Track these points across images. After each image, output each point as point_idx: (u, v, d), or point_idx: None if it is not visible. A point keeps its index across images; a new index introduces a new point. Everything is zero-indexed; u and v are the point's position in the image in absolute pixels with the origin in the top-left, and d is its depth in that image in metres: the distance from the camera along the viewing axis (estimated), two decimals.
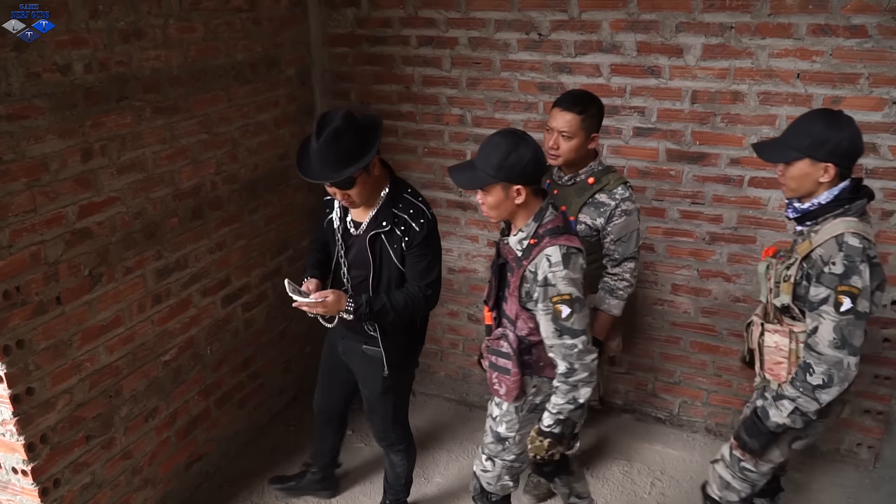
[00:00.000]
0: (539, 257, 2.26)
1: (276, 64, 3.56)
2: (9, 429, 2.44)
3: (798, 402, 2.24)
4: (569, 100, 2.75)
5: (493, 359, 2.50)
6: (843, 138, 2.16)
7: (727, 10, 3.07)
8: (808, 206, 2.27)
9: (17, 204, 2.32)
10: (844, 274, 2.13)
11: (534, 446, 2.42)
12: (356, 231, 2.66)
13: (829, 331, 2.16)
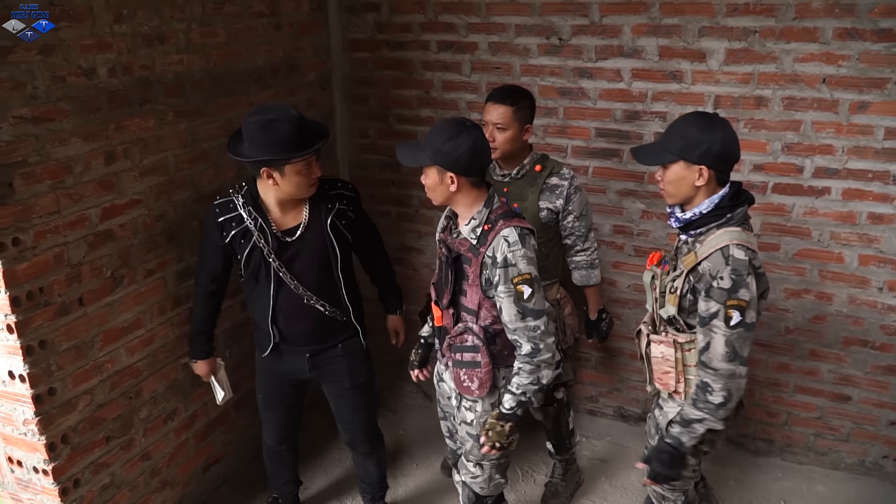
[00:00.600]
0: (496, 240, 2.29)
1: (296, 69, 3.58)
2: (30, 428, 2.46)
3: (706, 423, 2.23)
4: (500, 94, 2.87)
5: (458, 356, 2.49)
6: (715, 140, 2.14)
7: (751, 14, 3.04)
8: (689, 216, 2.25)
9: (41, 205, 2.34)
10: (732, 288, 2.12)
11: (494, 433, 2.41)
12: (292, 237, 2.61)
13: (722, 345, 2.15)
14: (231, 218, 2.57)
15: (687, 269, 2.22)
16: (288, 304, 2.67)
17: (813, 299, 3.37)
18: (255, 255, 2.59)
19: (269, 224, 2.58)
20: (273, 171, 2.44)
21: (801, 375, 3.51)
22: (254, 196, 2.57)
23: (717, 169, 2.18)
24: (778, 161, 3.21)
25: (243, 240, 2.58)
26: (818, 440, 3.59)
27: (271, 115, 2.39)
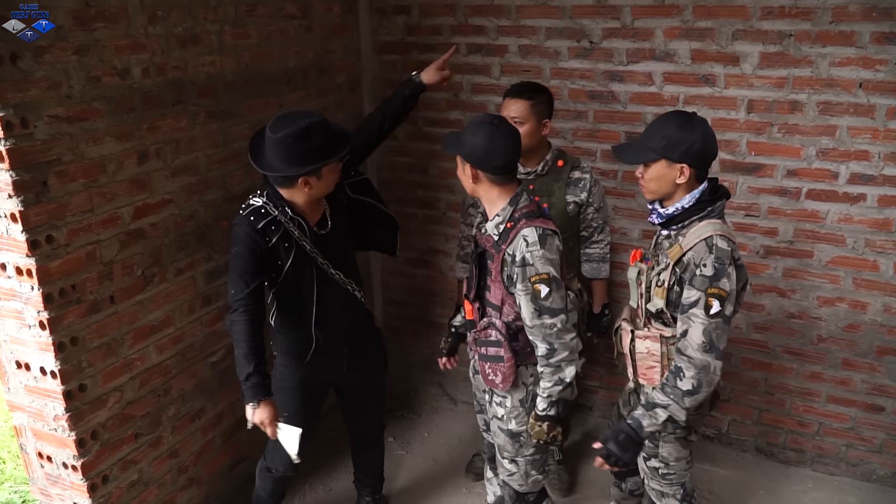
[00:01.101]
0: (517, 239, 2.32)
1: (326, 71, 3.59)
2: (61, 424, 2.49)
3: (670, 409, 2.24)
4: (518, 89, 2.92)
5: (483, 350, 2.52)
6: (695, 139, 2.19)
7: (786, 18, 3.00)
8: (672, 211, 2.29)
9: (74, 204, 2.37)
10: (714, 276, 2.16)
11: (535, 432, 2.46)
12: (325, 229, 2.61)
13: (699, 334, 2.18)
14: (269, 223, 2.46)
15: (673, 261, 2.27)
16: (332, 301, 2.66)
17: (847, 308, 3.31)
18: (300, 257, 2.54)
19: (306, 221, 2.55)
20: (310, 177, 2.42)
21: (834, 385, 3.45)
22: (281, 199, 2.50)
23: (697, 167, 2.23)
24: (812, 167, 3.16)
25: (286, 243, 2.50)
26: (850, 451, 3.53)
27: (303, 123, 2.34)
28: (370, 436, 3.14)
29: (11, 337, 2.45)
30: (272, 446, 2.87)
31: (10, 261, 2.30)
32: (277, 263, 2.52)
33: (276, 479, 2.98)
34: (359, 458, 3.23)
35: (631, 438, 2.29)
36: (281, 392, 2.71)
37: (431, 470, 3.68)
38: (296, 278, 2.57)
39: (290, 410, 2.73)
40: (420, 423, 4.06)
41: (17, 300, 2.36)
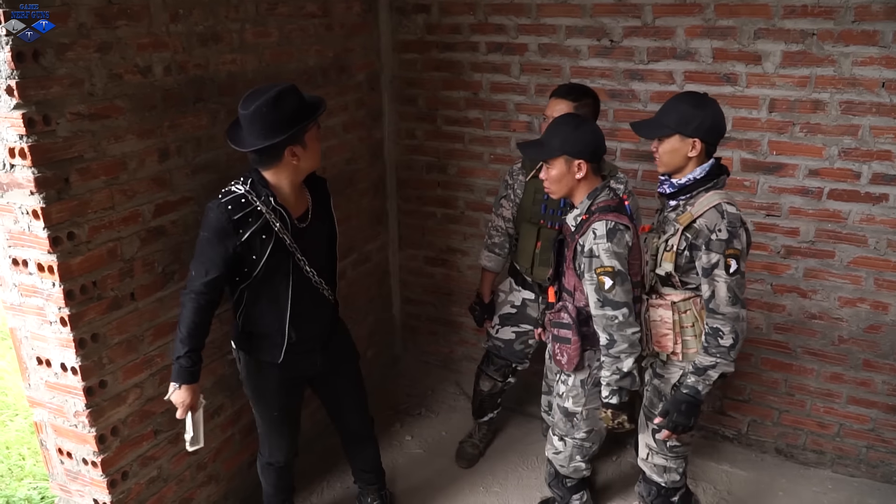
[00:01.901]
0: (587, 231, 2.48)
1: (346, 69, 3.59)
2: (81, 420, 2.50)
3: (719, 367, 2.41)
4: (564, 90, 2.97)
5: (556, 331, 2.69)
6: (706, 115, 2.37)
7: (809, 17, 2.97)
8: (684, 181, 2.44)
9: (96, 201, 2.38)
10: (728, 239, 2.35)
11: (602, 418, 2.60)
12: (304, 223, 2.57)
13: (725, 291, 2.36)
14: (247, 214, 2.37)
15: (682, 227, 2.41)
16: (305, 298, 2.60)
17: (868, 308, 3.28)
18: (278, 251, 2.46)
19: (287, 212, 2.48)
20: (296, 146, 2.37)
21: (855, 386, 3.42)
22: (265, 186, 2.43)
23: (708, 142, 2.40)
24: (834, 166, 3.13)
25: (264, 236, 2.41)
26: (870, 452, 3.49)
27: (273, 92, 2.30)
28: (357, 430, 3.09)
29: (32, 333, 2.47)
30: (266, 443, 2.91)
31: (32, 257, 2.31)
32: (252, 258, 2.44)
33: (279, 471, 2.98)
34: (350, 453, 3.19)
35: (692, 405, 2.46)
36: (263, 395, 2.77)
37: (449, 469, 3.67)
38: (271, 274, 2.49)
39: (278, 409, 2.79)
40: (437, 422, 4.05)
41: (38, 297, 2.37)
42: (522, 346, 3.43)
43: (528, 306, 3.34)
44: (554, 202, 3.07)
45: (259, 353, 2.67)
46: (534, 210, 3.15)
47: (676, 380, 2.56)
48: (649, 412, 2.66)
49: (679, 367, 2.57)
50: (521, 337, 3.41)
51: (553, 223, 3.11)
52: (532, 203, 3.15)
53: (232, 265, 2.43)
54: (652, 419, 2.63)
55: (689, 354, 2.54)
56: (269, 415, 2.81)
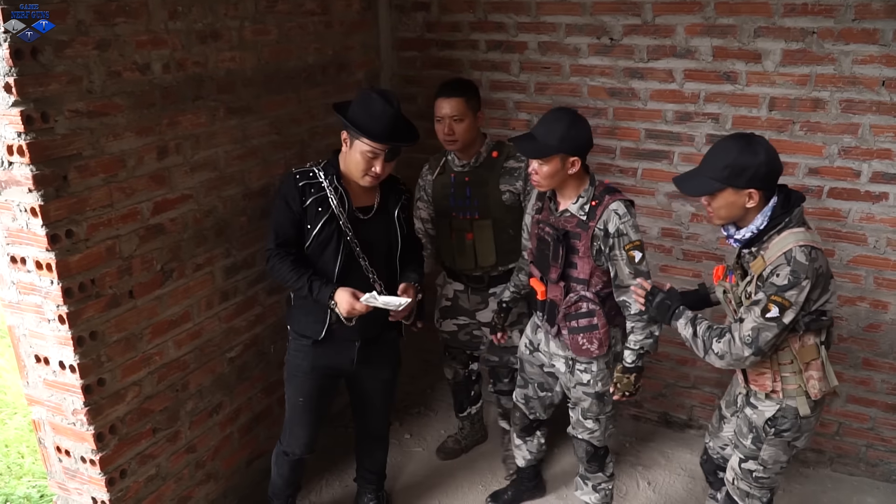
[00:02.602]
0: (606, 213, 2.56)
1: (345, 67, 3.59)
2: (79, 418, 2.50)
3: (696, 342, 2.37)
4: (449, 88, 3.03)
5: (574, 324, 2.70)
6: (760, 164, 2.17)
7: (809, 15, 2.97)
8: (748, 235, 2.29)
9: (94, 199, 2.37)
10: (784, 287, 2.16)
11: (623, 384, 2.69)
12: (366, 215, 2.70)
13: (749, 328, 2.22)
14: (311, 184, 2.61)
15: (756, 275, 2.25)
16: (352, 283, 2.65)
17: (867, 307, 3.28)
18: (329, 227, 2.61)
19: (348, 196, 2.64)
20: (348, 136, 2.57)
21: (854, 385, 3.42)
22: (335, 167, 2.65)
23: (765, 189, 2.22)
24: (834, 165, 3.13)
25: (320, 208, 2.60)
26: (869, 451, 3.50)
27: (378, 94, 2.55)
28: (374, 431, 3.16)
29: (31, 331, 2.46)
30: (288, 430, 2.94)
31: (30, 255, 2.30)
32: (306, 227, 2.62)
33: (292, 464, 3.01)
34: (362, 452, 3.24)
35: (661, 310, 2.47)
36: (294, 377, 2.86)
37: (447, 467, 3.68)
38: (321, 249, 2.64)
39: (304, 395, 2.85)
40: (437, 420, 4.06)
41: (36, 294, 2.37)
42: (468, 336, 3.45)
43: (458, 298, 3.38)
44: (461, 193, 3.13)
45: (302, 328, 2.78)
46: (444, 204, 3.20)
47: (771, 415, 2.41)
48: (738, 440, 2.55)
49: (776, 403, 2.41)
50: (463, 329, 3.43)
51: (463, 213, 3.16)
52: (442, 198, 3.21)
53: (297, 229, 2.64)
54: (739, 447, 2.54)
55: (789, 391, 2.37)
56: (295, 399, 2.87)
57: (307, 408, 2.89)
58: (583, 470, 3.07)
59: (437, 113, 3.04)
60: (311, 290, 2.61)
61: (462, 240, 3.18)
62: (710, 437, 2.85)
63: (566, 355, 2.84)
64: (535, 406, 3.11)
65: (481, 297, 3.33)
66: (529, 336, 3.01)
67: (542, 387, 3.06)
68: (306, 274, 2.62)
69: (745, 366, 2.31)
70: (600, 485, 3.07)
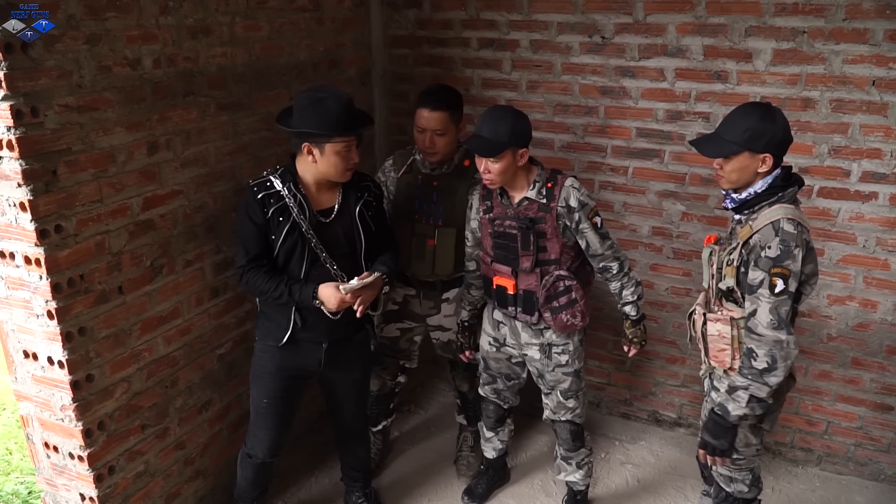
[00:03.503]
0: (564, 190, 2.69)
1: (337, 64, 3.58)
2: (68, 414, 2.49)
3: (751, 389, 2.30)
4: (435, 99, 2.94)
5: (556, 303, 2.78)
6: (777, 129, 2.26)
7: (800, 14, 2.98)
8: (745, 196, 2.35)
9: (84, 194, 2.36)
10: (778, 257, 2.22)
11: (638, 336, 2.91)
12: (328, 218, 2.66)
13: (766, 312, 2.24)
14: (270, 195, 2.57)
15: (741, 242, 2.32)
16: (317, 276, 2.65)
17: (857, 306, 3.29)
18: (292, 235, 2.59)
19: (307, 202, 2.61)
20: (314, 147, 2.50)
21: (843, 384, 3.43)
22: (293, 174, 2.61)
23: (778, 155, 2.29)
24: (824, 164, 3.14)
25: (281, 217, 2.57)
26: (858, 450, 3.51)
27: (323, 94, 2.49)
28: (352, 429, 3.14)
29: (19, 326, 2.45)
30: (252, 433, 2.92)
31: (19, 250, 2.29)
32: (271, 238, 2.59)
33: (256, 466, 2.98)
34: (343, 451, 3.23)
35: (719, 425, 2.38)
36: (259, 378, 2.83)
37: (436, 465, 3.68)
38: (286, 257, 2.62)
39: (268, 396, 2.81)
40: (426, 418, 4.06)
41: (25, 289, 2.36)
42: (408, 343, 3.43)
43: (409, 303, 3.32)
44: (427, 196, 3.10)
45: (265, 334, 2.76)
46: (407, 206, 3.13)
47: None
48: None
49: None
50: (406, 334, 3.40)
51: (426, 217, 3.11)
52: (406, 199, 3.14)
53: (264, 241, 2.61)
54: None
55: None
56: (259, 401, 2.83)
57: (271, 410, 2.85)
58: (564, 451, 3.14)
59: (418, 122, 2.97)
60: (291, 295, 2.60)
61: (423, 245, 3.12)
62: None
63: (540, 342, 2.91)
64: (506, 396, 3.21)
65: (434, 302, 3.29)
66: (492, 334, 3.05)
67: (508, 377, 3.15)
68: (283, 281, 2.61)
69: (793, 352, 2.25)
70: (583, 460, 3.16)
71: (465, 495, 3.41)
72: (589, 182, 3.59)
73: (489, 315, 3.06)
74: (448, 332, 3.35)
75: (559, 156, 3.62)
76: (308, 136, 2.49)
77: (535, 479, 3.58)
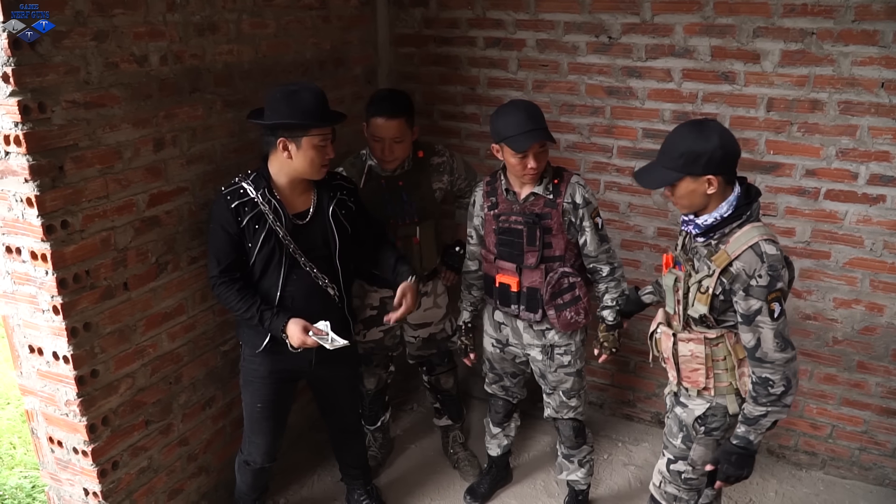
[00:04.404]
0: (570, 186, 2.73)
1: (343, 62, 3.58)
2: (72, 409, 2.50)
3: (772, 415, 2.24)
4: (390, 107, 2.91)
5: (560, 300, 2.79)
6: (714, 148, 2.12)
7: (809, 16, 2.96)
8: (711, 221, 2.23)
9: (90, 190, 2.37)
10: (770, 283, 2.15)
11: (609, 342, 2.90)
12: (303, 220, 2.62)
13: (771, 338, 2.18)
14: (243, 203, 2.51)
15: (719, 269, 2.20)
16: (298, 290, 2.63)
17: (863, 310, 3.28)
18: (269, 242, 2.55)
19: (282, 206, 2.56)
20: (290, 142, 2.45)
21: (848, 388, 3.42)
22: (266, 178, 2.55)
23: (724, 174, 2.17)
24: (832, 167, 3.13)
25: (257, 225, 2.52)
26: (863, 455, 3.50)
27: (296, 87, 2.48)
28: (347, 427, 3.14)
29: (25, 321, 2.46)
30: (247, 439, 2.91)
31: (25, 245, 2.30)
32: (247, 246, 2.56)
33: (255, 472, 2.97)
34: (340, 450, 3.22)
35: (744, 457, 2.31)
36: (251, 383, 2.80)
37: (439, 463, 3.68)
38: (264, 264, 2.58)
39: (262, 400, 2.80)
40: (428, 416, 4.05)
41: (31, 285, 2.36)
42: (392, 339, 3.43)
43: (387, 305, 3.23)
44: (397, 198, 3.08)
45: (251, 344, 2.72)
46: (381, 213, 3.06)
47: (701, 413, 2.43)
48: (667, 440, 2.58)
49: (707, 401, 2.42)
50: (389, 332, 3.39)
51: (403, 219, 3.11)
52: (376, 206, 3.05)
53: (238, 251, 2.57)
54: (668, 448, 2.56)
55: (720, 388, 2.37)
56: (253, 406, 2.82)
57: (266, 414, 2.83)
58: (565, 450, 3.15)
59: (374, 132, 2.93)
60: (261, 321, 2.57)
61: (409, 245, 3.11)
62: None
63: (542, 344, 2.92)
64: (514, 391, 3.23)
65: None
66: (494, 335, 3.06)
67: (514, 375, 3.17)
68: (255, 304, 2.57)
69: (797, 364, 2.23)
70: (585, 458, 3.17)
71: (468, 494, 3.41)
72: (594, 182, 3.59)
73: (489, 317, 3.06)
74: (429, 328, 3.36)
75: (565, 156, 3.62)
76: (284, 130, 2.44)
77: (538, 479, 3.57)
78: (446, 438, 3.72)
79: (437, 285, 3.34)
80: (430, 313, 3.33)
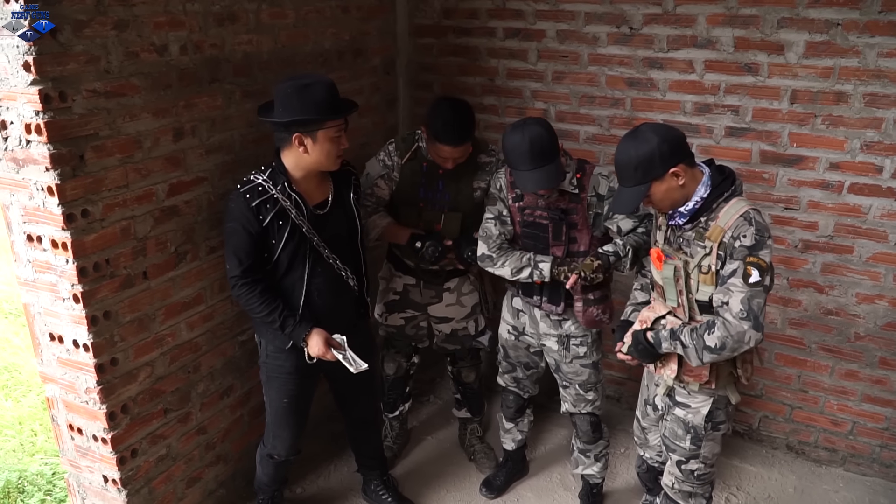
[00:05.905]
0: (593, 179, 2.72)
1: (362, 53, 3.57)
2: (92, 397, 2.52)
3: (688, 351, 2.27)
4: (456, 136, 2.83)
5: (590, 295, 2.78)
6: (658, 144, 2.17)
7: (834, 6, 2.92)
8: (693, 206, 2.26)
9: (110, 179, 2.38)
10: (754, 246, 2.15)
11: (584, 265, 2.68)
12: (324, 210, 2.63)
13: (738, 303, 2.15)
14: (264, 201, 2.48)
15: (716, 243, 2.21)
16: (323, 283, 2.65)
17: (886, 305, 3.23)
18: (294, 235, 2.54)
19: (303, 199, 2.56)
20: (305, 136, 2.44)
21: (870, 384, 3.38)
22: (283, 172, 2.53)
23: (681, 159, 2.21)
24: (856, 160, 3.08)
25: (280, 221, 2.50)
26: (884, 452, 3.46)
27: (307, 80, 2.43)
28: (365, 417, 3.15)
29: (45, 309, 2.48)
30: (271, 433, 2.92)
31: (46, 234, 2.32)
32: (271, 243, 2.53)
33: (277, 464, 2.99)
34: (356, 441, 3.24)
35: (648, 351, 2.41)
36: (275, 379, 2.79)
37: (455, 455, 3.68)
38: (289, 260, 2.57)
39: (288, 396, 2.79)
40: (445, 409, 4.05)
41: (51, 273, 2.38)
42: (415, 329, 3.41)
43: (409, 292, 3.29)
44: (432, 185, 3.05)
45: (271, 339, 2.71)
46: (411, 192, 3.08)
47: (708, 411, 2.42)
48: (672, 443, 2.56)
49: (709, 395, 2.42)
50: (411, 322, 3.38)
51: (433, 205, 3.07)
52: (410, 185, 3.07)
53: (258, 251, 2.53)
54: (676, 450, 2.54)
55: (722, 380, 2.37)
56: (279, 402, 2.81)
57: (292, 409, 2.84)
58: (581, 444, 3.15)
59: (438, 151, 2.89)
60: (283, 328, 2.57)
61: (431, 231, 3.08)
62: (641, 449, 2.89)
63: (559, 333, 2.91)
64: (525, 385, 3.22)
65: (435, 291, 3.27)
66: (511, 322, 3.06)
67: (527, 366, 3.16)
68: (278, 309, 2.55)
69: (748, 346, 2.18)
70: (601, 452, 3.17)
71: (484, 487, 3.41)
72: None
73: (508, 303, 3.06)
74: (451, 323, 3.34)
75: (584, 147, 3.59)
76: (299, 126, 2.42)
77: (554, 472, 3.57)
78: (464, 431, 3.71)
79: (462, 284, 3.30)
80: (452, 310, 3.31)
